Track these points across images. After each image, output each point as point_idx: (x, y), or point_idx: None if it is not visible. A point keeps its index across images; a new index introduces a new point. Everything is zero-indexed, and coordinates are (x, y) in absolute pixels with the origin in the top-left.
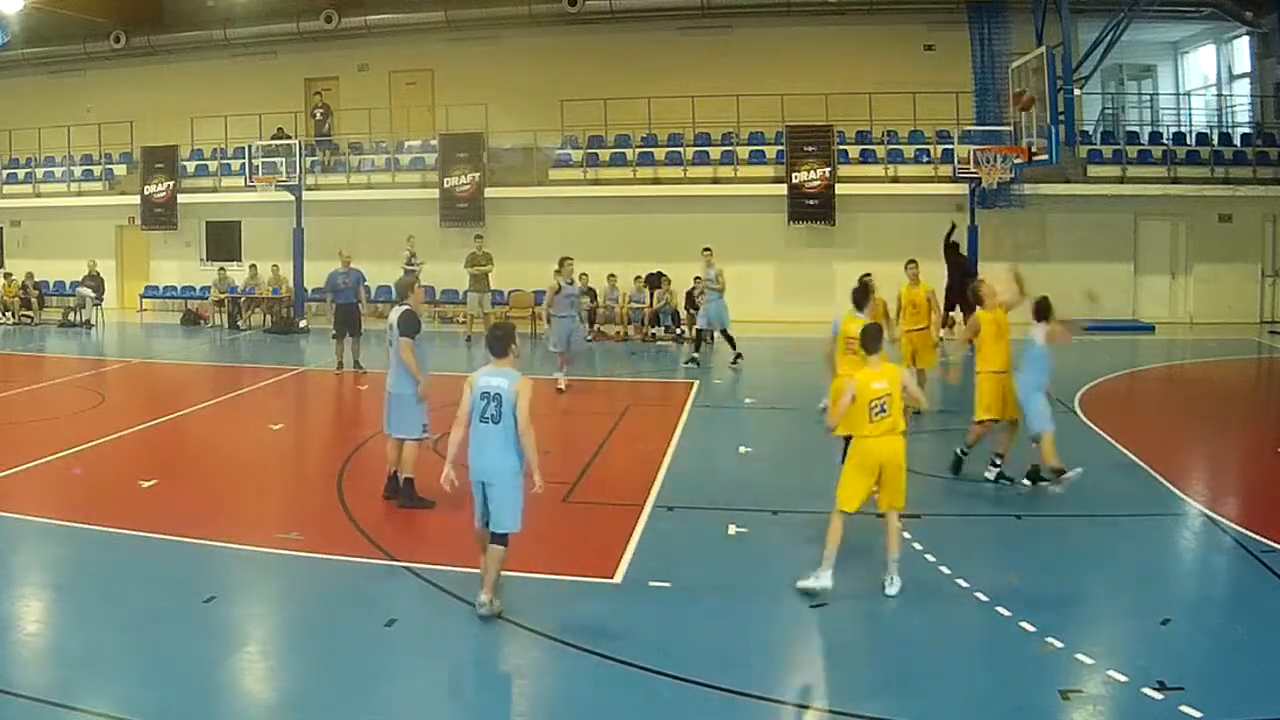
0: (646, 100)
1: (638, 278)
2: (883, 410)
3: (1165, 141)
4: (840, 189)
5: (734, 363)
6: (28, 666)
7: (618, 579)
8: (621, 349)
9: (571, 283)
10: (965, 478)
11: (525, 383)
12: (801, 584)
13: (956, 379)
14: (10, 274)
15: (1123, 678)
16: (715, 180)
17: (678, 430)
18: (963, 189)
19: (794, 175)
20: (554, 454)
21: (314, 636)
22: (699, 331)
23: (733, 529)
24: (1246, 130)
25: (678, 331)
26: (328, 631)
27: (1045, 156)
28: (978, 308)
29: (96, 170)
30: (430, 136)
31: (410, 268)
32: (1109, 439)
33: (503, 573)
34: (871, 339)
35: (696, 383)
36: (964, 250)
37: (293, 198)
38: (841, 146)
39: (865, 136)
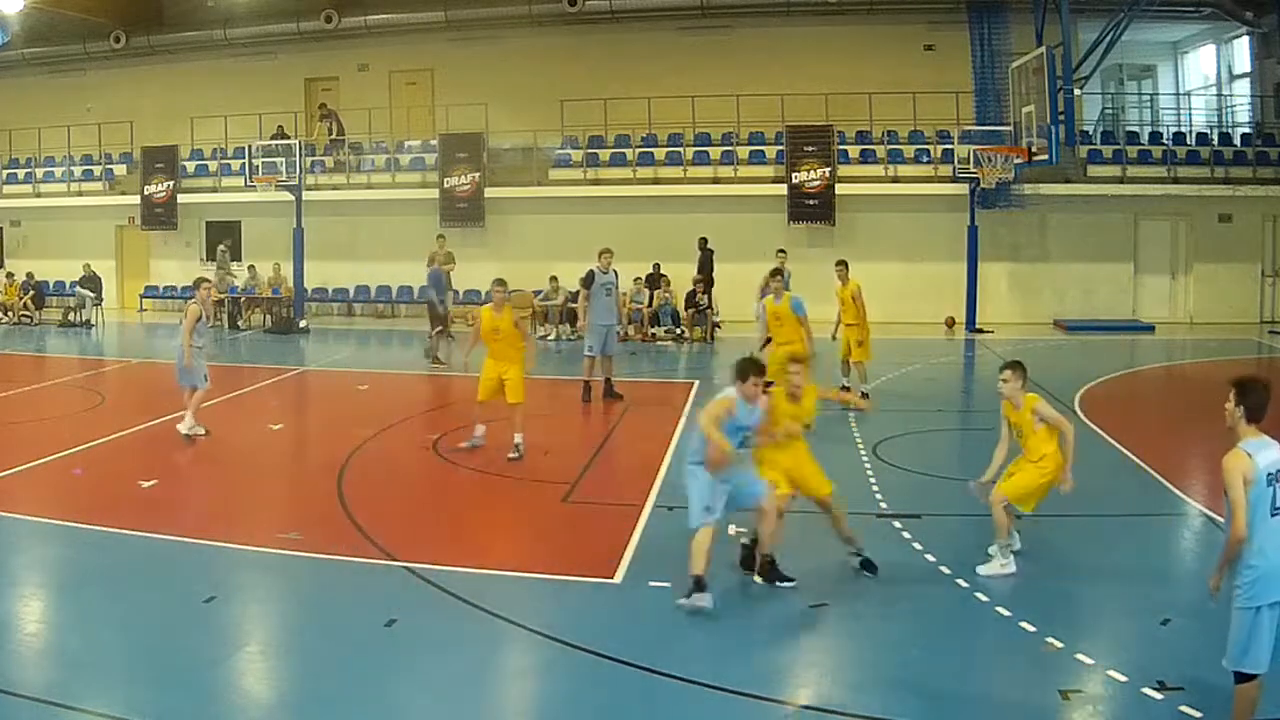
0: (646, 100)
1: (637, 278)
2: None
3: (1165, 141)
4: (840, 189)
5: None
6: (28, 666)
7: (618, 579)
8: (621, 349)
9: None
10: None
11: None
12: None
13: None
14: (12, 274)
15: (1123, 678)
16: (715, 180)
17: (678, 430)
18: (963, 189)
19: (794, 175)
20: (554, 454)
21: (314, 636)
22: None
23: (733, 529)
24: (1246, 130)
25: (678, 331)
26: (328, 631)
27: (1045, 156)
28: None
29: (96, 170)
30: (430, 136)
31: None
32: (1109, 439)
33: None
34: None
35: (696, 383)
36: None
37: (293, 198)
38: (841, 146)
39: (865, 136)
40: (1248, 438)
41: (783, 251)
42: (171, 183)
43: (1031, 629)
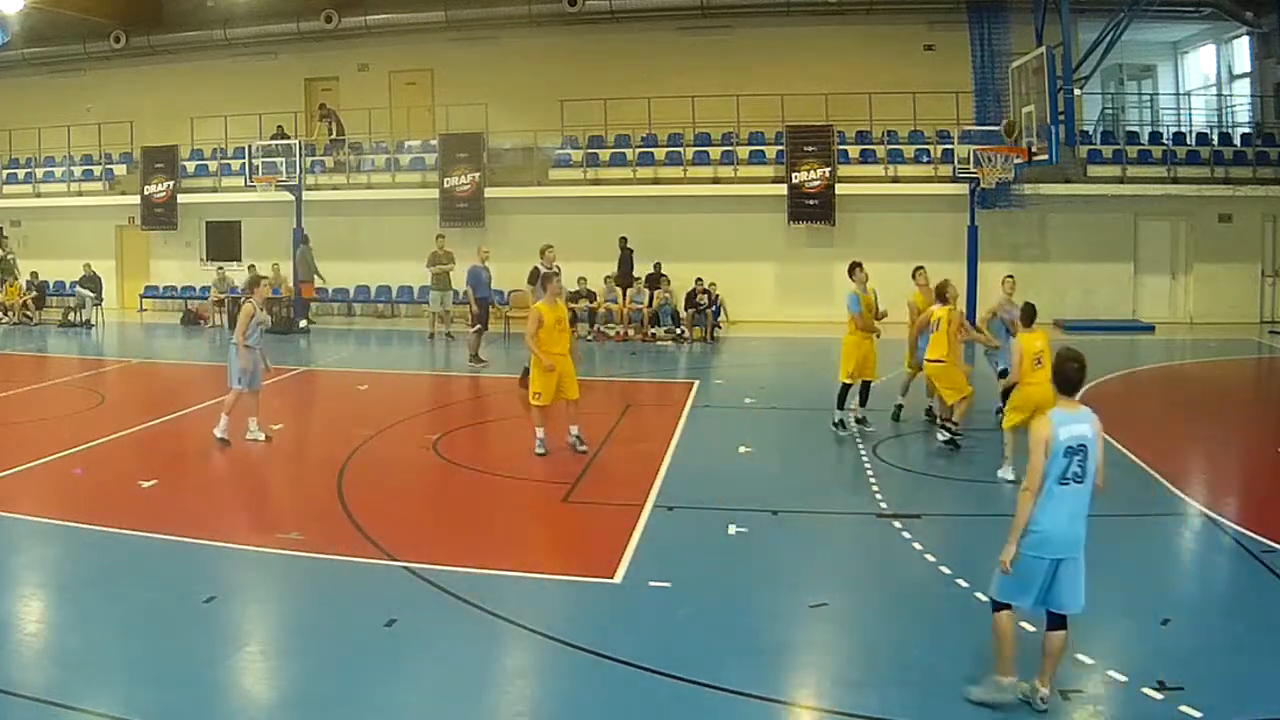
0: (646, 100)
1: (637, 278)
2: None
3: (1165, 141)
4: (840, 189)
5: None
6: (28, 666)
7: (618, 579)
8: (621, 349)
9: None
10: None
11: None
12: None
13: None
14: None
15: (1123, 678)
16: (715, 180)
17: (678, 430)
18: (963, 189)
19: (794, 175)
20: (554, 454)
21: (314, 636)
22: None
23: (733, 529)
24: (1246, 130)
25: (678, 332)
26: (328, 631)
27: (1045, 156)
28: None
29: (96, 170)
30: (430, 136)
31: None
32: (1109, 439)
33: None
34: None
35: (696, 383)
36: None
37: (292, 198)
38: (841, 146)
39: (865, 136)
40: (1060, 408)
41: (921, 268)
42: (171, 183)
43: (1031, 629)
